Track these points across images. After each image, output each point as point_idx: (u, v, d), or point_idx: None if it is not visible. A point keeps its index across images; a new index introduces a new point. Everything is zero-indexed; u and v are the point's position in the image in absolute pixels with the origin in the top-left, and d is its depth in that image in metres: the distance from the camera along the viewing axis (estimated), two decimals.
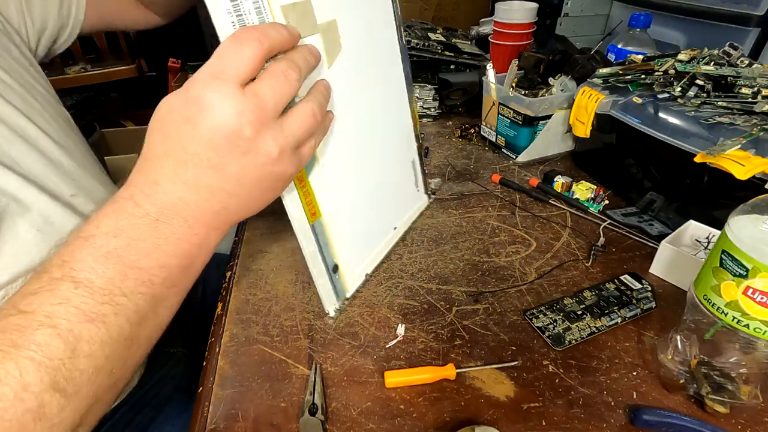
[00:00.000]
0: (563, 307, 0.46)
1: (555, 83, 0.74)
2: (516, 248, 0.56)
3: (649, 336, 0.43)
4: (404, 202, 0.57)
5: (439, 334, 0.44)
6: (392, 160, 0.53)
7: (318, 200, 0.40)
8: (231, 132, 0.28)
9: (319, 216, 0.40)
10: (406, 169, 0.56)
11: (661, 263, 0.51)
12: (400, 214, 0.57)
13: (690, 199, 0.55)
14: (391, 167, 0.53)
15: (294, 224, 0.38)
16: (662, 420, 0.35)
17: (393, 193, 0.54)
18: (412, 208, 0.59)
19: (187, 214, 0.30)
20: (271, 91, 0.29)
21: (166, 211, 0.29)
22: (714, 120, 0.52)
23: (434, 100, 0.91)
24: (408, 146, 0.56)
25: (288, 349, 0.43)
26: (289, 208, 0.37)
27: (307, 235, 0.40)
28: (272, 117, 0.29)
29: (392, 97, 0.51)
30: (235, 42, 0.28)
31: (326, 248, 0.42)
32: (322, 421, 0.36)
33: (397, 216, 0.56)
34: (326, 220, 0.41)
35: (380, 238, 0.53)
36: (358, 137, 0.44)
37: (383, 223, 0.53)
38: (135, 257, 0.28)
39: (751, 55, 0.80)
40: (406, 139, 0.55)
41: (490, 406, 0.38)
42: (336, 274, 0.44)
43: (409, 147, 0.56)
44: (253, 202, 0.33)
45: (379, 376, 0.40)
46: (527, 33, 0.89)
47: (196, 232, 0.31)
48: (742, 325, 0.33)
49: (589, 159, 0.72)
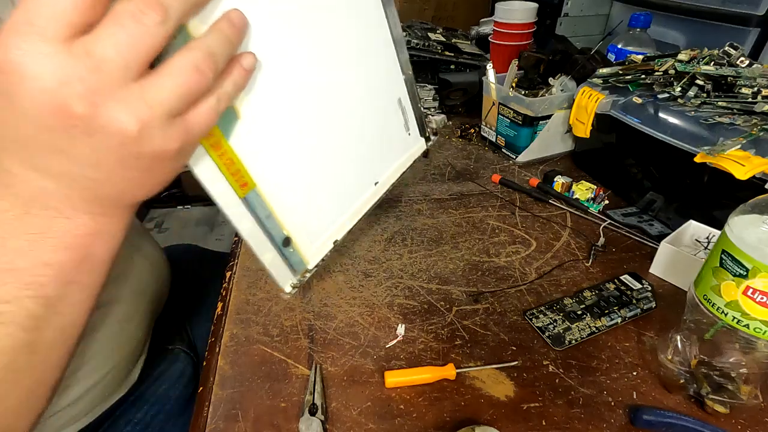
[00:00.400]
0: (563, 307, 0.46)
1: (555, 83, 0.74)
2: (516, 248, 0.56)
3: (649, 336, 0.44)
4: (388, 151, 0.48)
5: (439, 334, 0.44)
6: (365, 101, 0.43)
7: (248, 167, 0.32)
8: (56, 109, 0.21)
9: (252, 186, 0.33)
10: (389, 110, 0.47)
11: (661, 263, 0.51)
12: (384, 166, 0.48)
13: (690, 199, 0.55)
14: (363, 111, 0.43)
15: (216, 200, 0.31)
16: (662, 420, 0.35)
17: (369, 142, 0.45)
18: (402, 155, 0.50)
19: (57, 204, 0.25)
20: (114, 46, 0.21)
21: (31, 202, 0.25)
22: (714, 120, 0.52)
23: (434, 100, 0.91)
24: (390, 81, 0.46)
25: (288, 349, 0.43)
26: (204, 184, 0.30)
27: (238, 211, 0.33)
28: (121, 81, 0.22)
29: (362, 18, 0.41)
30: None
31: (269, 221, 0.36)
32: (322, 421, 0.36)
33: (380, 168, 0.48)
34: (264, 189, 0.34)
35: (354, 197, 0.45)
36: (307, 78, 0.36)
37: (356, 179, 0.45)
38: (8, 258, 0.25)
39: (751, 55, 0.80)
40: (386, 73, 0.45)
41: (490, 406, 0.38)
42: (289, 248, 0.38)
43: (393, 82, 0.46)
44: (136, 184, 0.26)
45: (379, 376, 0.40)
46: (527, 33, 0.89)
47: (79, 222, 0.26)
48: (742, 325, 0.33)
49: (589, 159, 0.72)
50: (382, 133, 0.47)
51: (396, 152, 0.50)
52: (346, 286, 0.50)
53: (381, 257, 0.55)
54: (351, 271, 0.53)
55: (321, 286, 0.51)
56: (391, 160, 0.49)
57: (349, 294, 0.49)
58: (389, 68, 0.45)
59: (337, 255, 0.55)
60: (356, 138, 0.43)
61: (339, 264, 0.54)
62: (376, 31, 0.43)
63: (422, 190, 0.68)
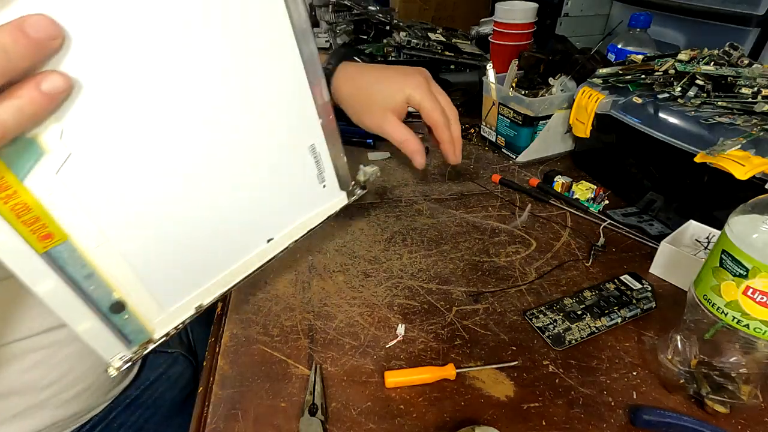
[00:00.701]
0: (563, 307, 0.46)
1: (555, 83, 0.74)
2: (516, 248, 0.56)
3: (649, 336, 0.43)
4: (290, 204, 0.42)
5: (439, 334, 0.44)
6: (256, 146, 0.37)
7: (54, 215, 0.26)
8: None
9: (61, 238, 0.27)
10: (295, 158, 0.40)
11: (661, 263, 0.51)
12: (282, 221, 0.42)
13: (690, 199, 0.55)
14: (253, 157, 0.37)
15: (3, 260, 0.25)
16: (662, 420, 0.35)
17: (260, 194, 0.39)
18: (312, 209, 0.44)
19: None
20: None
21: None
22: (714, 120, 0.52)
23: None
24: (300, 125, 0.39)
25: (288, 349, 0.43)
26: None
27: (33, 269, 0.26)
28: None
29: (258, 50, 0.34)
30: None
31: (90, 281, 0.29)
32: (322, 421, 0.36)
33: (275, 223, 0.41)
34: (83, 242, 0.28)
35: (233, 257, 0.39)
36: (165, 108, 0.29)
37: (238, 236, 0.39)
38: None
39: (751, 55, 0.80)
40: (294, 115, 0.38)
41: (490, 406, 0.38)
42: (121, 314, 0.32)
43: (304, 126, 0.39)
44: None
45: (379, 376, 0.40)
46: (527, 33, 0.89)
47: None
48: (742, 325, 0.33)
49: (589, 159, 0.72)
50: (280, 184, 0.40)
51: (302, 206, 0.43)
52: (346, 286, 0.50)
53: (381, 257, 0.55)
54: (351, 271, 0.53)
55: (321, 286, 0.51)
56: (294, 215, 0.43)
57: (349, 294, 0.49)
58: (300, 110, 0.38)
59: (337, 255, 0.55)
60: (239, 188, 0.37)
61: (339, 264, 0.54)
62: (281, 68, 0.36)
63: (422, 190, 0.68)
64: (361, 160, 0.77)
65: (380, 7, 1.10)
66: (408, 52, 0.97)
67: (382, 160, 0.77)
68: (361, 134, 0.82)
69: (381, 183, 0.70)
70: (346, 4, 1.06)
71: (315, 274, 0.52)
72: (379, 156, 0.78)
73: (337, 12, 1.06)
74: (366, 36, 1.06)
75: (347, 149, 0.83)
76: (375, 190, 0.69)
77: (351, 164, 0.48)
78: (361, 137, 0.81)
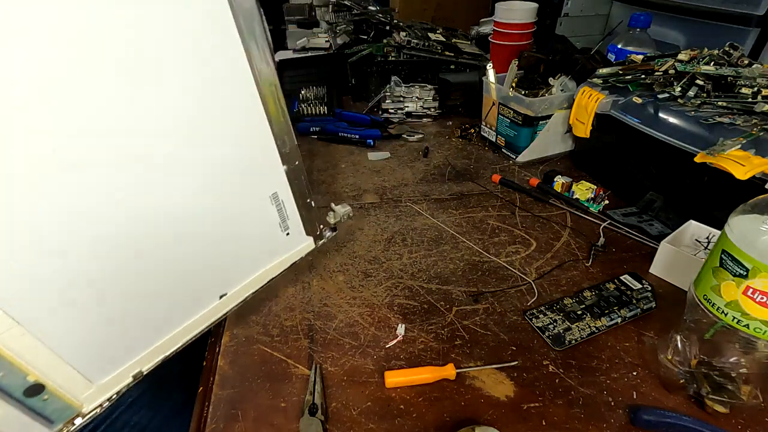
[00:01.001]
0: (563, 307, 0.46)
1: (555, 83, 0.74)
2: (516, 248, 0.56)
3: (649, 336, 0.43)
4: (249, 257, 0.40)
5: (439, 334, 0.44)
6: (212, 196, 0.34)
7: None
8: None
9: None
10: (254, 208, 0.38)
11: (661, 263, 0.51)
12: (238, 275, 0.39)
13: (690, 199, 0.55)
14: (202, 208, 0.34)
15: None
16: (662, 420, 0.35)
17: (212, 249, 0.36)
18: (273, 259, 0.41)
19: None
20: None
21: None
22: (714, 120, 0.52)
23: (434, 100, 0.91)
24: (262, 173, 0.37)
25: (288, 349, 0.43)
26: None
27: None
28: None
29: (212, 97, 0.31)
30: None
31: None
32: (322, 421, 0.36)
33: (230, 278, 0.39)
34: None
35: (179, 318, 0.36)
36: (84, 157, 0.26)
37: (186, 295, 0.36)
38: None
39: (751, 55, 0.80)
40: (254, 163, 0.36)
41: (490, 406, 0.38)
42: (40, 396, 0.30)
43: (265, 174, 0.37)
44: None
45: (379, 376, 0.40)
46: (527, 33, 0.89)
47: None
48: (742, 325, 0.33)
49: (589, 159, 0.72)
50: (236, 236, 0.37)
51: (262, 256, 0.41)
52: (346, 286, 0.50)
53: (381, 257, 0.55)
54: (351, 271, 0.53)
55: (321, 286, 0.51)
56: (252, 267, 0.40)
57: (349, 294, 0.49)
58: (261, 158, 0.36)
59: (337, 255, 0.55)
60: (186, 245, 0.33)
61: (339, 264, 0.54)
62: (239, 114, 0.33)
63: (422, 190, 0.68)
64: (356, 162, 0.77)
65: (380, 7, 1.10)
66: (408, 52, 0.97)
67: (382, 160, 0.77)
68: (361, 135, 0.82)
69: (381, 183, 0.70)
70: (346, 4, 1.06)
71: (315, 274, 0.52)
72: (379, 156, 0.78)
73: (337, 12, 1.06)
74: (366, 36, 1.06)
75: (347, 149, 0.84)
76: (375, 190, 0.69)
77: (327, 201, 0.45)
78: (361, 137, 0.82)
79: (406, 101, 0.91)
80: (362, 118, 0.88)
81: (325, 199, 0.66)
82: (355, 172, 0.74)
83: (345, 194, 0.68)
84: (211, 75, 0.31)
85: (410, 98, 0.91)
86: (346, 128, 0.83)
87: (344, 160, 0.78)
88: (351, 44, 1.06)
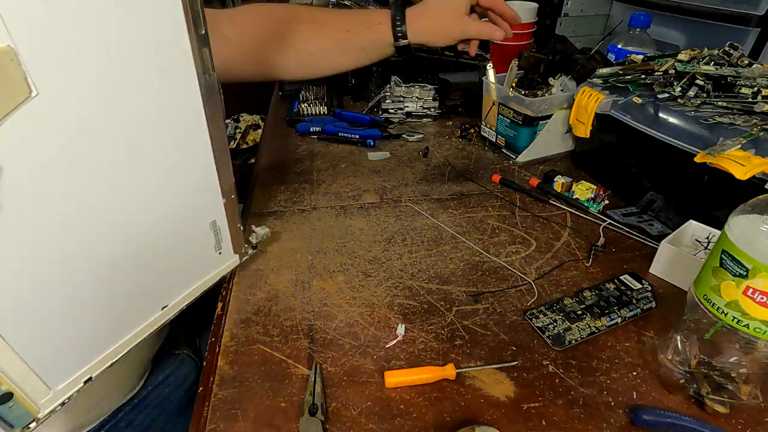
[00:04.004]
0: (563, 307, 0.46)
1: (555, 83, 0.74)
2: (516, 248, 0.56)
3: (649, 336, 0.43)
4: (185, 275, 0.44)
5: (439, 334, 0.44)
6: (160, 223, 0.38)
7: None
8: None
9: None
10: (195, 235, 0.42)
11: (661, 263, 0.51)
12: (177, 290, 0.43)
13: (690, 199, 0.55)
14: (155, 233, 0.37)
15: None
16: (662, 420, 0.35)
17: (155, 270, 0.39)
18: (207, 274, 0.46)
19: None
20: None
21: None
22: (714, 120, 0.52)
23: (434, 100, 0.91)
24: (204, 205, 0.41)
25: (288, 349, 0.43)
26: None
27: None
28: None
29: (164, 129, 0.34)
30: None
31: None
32: (322, 421, 0.36)
33: (170, 292, 0.42)
34: None
35: (125, 328, 0.39)
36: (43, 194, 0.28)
37: (130, 310, 0.39)
38: None
39: (751, 55, 0.80)
40: (202, 196, 0.40)
41: (490, 406, 0.38)
42: (8, 403, 0.31)
43: (207, 206, 0.42)
44: None
45: (379, 376, 0.40)
46: (527, 33, 0.89)
47: None
48: (742, 325, 0.33)
49: (589, 159, 0.72)
50: (179, 257, 0.42)
51: (198, 273, 0.45)
52: (346, 286, 0.50)
53: (381, 257, 0.55)
54: (351, 271, 0.53)
55: (321, 286, 0.51)
56: (190, 282, 0.45)
57: (349, 294, 0.49)
58: (205, 193, 0.40)
59: (337, 255, 0.55)
60: (136, 265, 0.37)
61: (339, 264, 0.54)
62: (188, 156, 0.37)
63: (422, 190, 0.68)
64: (356, 162, 0.77)
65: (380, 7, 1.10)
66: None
67: (382, 160, 0.77)
68: (361, 135, 0.82)
69: (381, 183, 0.70)
70: (346, 4, 1.06)
71: (315, 274, 0.52)
72: (380, 156, 0.78)
73: None
74: None
75: (347, 149, 0.84)
76: (375, 190, 0.69)
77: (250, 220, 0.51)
78: (361, 137, 0.82)
79: (406, 101, 0.91)
80: (362, 118, 0.88)
81: (326, 199, 0.66)
82: (355, 172, 0.74)
83: (345, 194, 0.68)
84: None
85: (410, 98, 0.91)
86: (346, 128, 0.83)
87: (344, 160, 0.78)
88: None
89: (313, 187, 0.70)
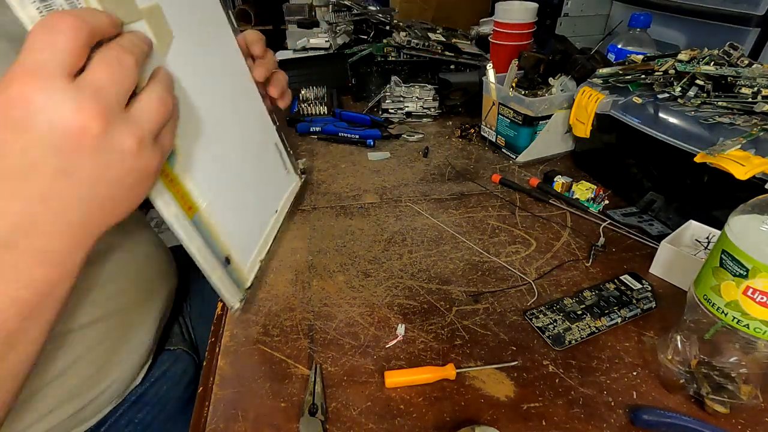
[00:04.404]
0: (563, 307, 0.46)
1: (555, 83, 0.74)
2: (516, 248, 0.56)
3: (649, 336, 0.43)
4: (278, 185, 0.56)
5: (439, 334, 0.44)
6: (254, 144, 0.51)
7: (190, 193, 0.37)
8: (75, 131, 0.24)
9: (196, 209, 0.38)
10: (271, 153, 0.55)
11: (661, 263, 0.51)
12: (278, 197, 0.55)
13: (690, 199, 0.55)
14: (254, 152, 0.50)
15: (172, 223, 0.35)
16: (662, 420, 0.35)
17: (264, 178, 0.52)
18: (287, 190, 0.57)
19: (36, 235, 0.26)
20: (109, 80, 0.25)
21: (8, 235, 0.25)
22: (714, 120, 0.52)
23: (434, 100, 0.91)
24: (266, 129, 0.54)
25: (288, 349, 0.43)
26: (161, 207, 0.34)
27: (189, 232, 0.36)
28: (118, 108, 0.26)
29: (236, 80, 0.48)
30: (47, 29, 0.24)
31: (212, 242, 0.40)
32: (322, 421, 0.36)
33: (275, 199, 0.55)
34: (204, 212, 0.39)
35: (265, 223, 0.51)
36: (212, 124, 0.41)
37: (263, 207, 0.51)
38: None
39: (751, 55, 0.80)
40: (261, 122, 0.53)
41: (490, 406, 0.38)
42: (230, 266, 0.42)
43: (268, 130, 0.54)
44: (118, 205, 0.29)
45: (379, 376, 0.40)
46: (527, 33, 0.89)
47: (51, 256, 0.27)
48: (742, 325, 0.33)
49: (589, 159, 0.72)
50: (271, 170, 0.54)
51: (283, 187, 0.57)
52: (346, 286, 0.50)
53: (381, 257, 0.55)
54: (351, 271, 0.53)
55: (321, 286, 0.51)
56: (282, 193, 0.56)
57: (349, 294, 0.49)
58: (263, 117, 0.53)
59: (337, 255, 0.55)
60: (258, 172, 0.51)
61: (339, 264, 0.54)
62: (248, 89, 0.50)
63: (422, 190, 0.68)
64: (356, 162, 0.77)
65: (380, 7, 1.10)
66: (408, 52, 0.97)
67: (382, 160, 0.77)
68: (361, 135, 0.82)
69: (381, 183, 0.70)
70: (346, 4, 1.06)
71: (315, 274, 0.52)
72: (379, 156, 0.78)
73: (337, 12, 1.06)
74: (366, 36, 1.06)
75: (347, 149, 0.84)
76: (375, 190, 0.69)
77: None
78: (361, 137, 0.82)
79: (406, 101, 0.91)
80: (362, 118, 0.88)
81: (326, 199, 0.66)
82: (355, 172, 0.74)
83: (345, 194, 0.68)
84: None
85: (410, 98, 0.91)
86: (346, 128, 0.83)
87: (344, 160, 0.78)
88: (351, 44, 1.06)
89: (313, 187, 0.70)
